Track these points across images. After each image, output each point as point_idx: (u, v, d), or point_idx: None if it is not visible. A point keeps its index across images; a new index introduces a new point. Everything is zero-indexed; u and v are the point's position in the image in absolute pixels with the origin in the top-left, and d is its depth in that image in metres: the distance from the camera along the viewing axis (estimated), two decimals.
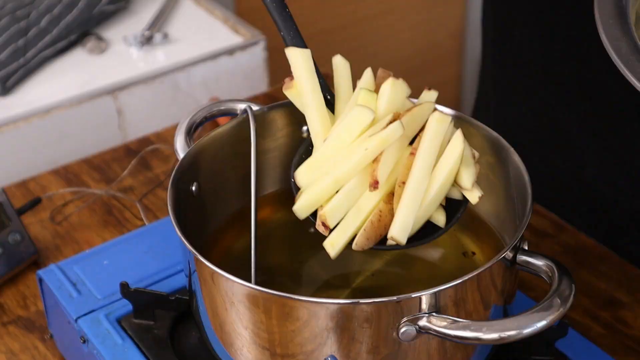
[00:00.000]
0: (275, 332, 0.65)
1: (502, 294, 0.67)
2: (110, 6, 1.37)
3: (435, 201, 0.67)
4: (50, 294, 0.82)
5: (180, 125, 0.78)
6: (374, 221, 0.66)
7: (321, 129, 0.70)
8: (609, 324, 0.84)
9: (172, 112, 1.30)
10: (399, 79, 0.69)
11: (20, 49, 1.27)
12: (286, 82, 0.71)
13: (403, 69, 2.30)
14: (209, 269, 0.65)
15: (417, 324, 0.62)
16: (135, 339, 0.76)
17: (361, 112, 0.66)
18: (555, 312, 0.61)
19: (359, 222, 0.66)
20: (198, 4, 1.45)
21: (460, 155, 0.66)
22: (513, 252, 0.66)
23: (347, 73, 0.72)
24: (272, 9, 0.72)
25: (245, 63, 1.34)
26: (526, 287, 0.84)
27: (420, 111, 0.68)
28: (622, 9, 0.65)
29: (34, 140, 1.21)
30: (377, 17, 2.18)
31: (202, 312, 0.70)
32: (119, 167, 1.09)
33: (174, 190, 0.71)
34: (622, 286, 0.88)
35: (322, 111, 0.70)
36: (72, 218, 1.01)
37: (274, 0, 0.72)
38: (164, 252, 0.84)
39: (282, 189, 0.81)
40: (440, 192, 0.67)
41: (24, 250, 0.93)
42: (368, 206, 0.66)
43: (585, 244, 0.93)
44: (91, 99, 1.24)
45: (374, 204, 0.66)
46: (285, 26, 0.72)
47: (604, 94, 0.94)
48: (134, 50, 1.33)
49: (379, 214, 0.66)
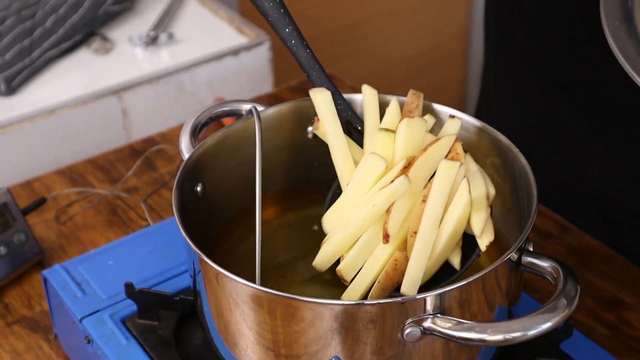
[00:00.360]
0: (280, 332, 0.65)
1: (507, 296, 0.67)
2: (116, 6, 1.37)
3: (446, 249, 0.68)
4: (54, 294, 0.82)
5: (185, 126, 0.78)
6: (389, 271, 0.67)
7: (344, 173, 0.73)
8: (613, 325, 0.84)
9: (176, 112, 1.30)
10: (414, 117, 0.70)
11: (26, 49, 1.27)
12: (315, 122, 0.74)
13: (407, 69, 2.30)
14: (214, 270, 0.65)
15: (421, 325, 0.62)
16: (139, 339, 0.76)
17: (374, 161, 0.68)
18: (561, 313, 0.61)
19: (374, 274, 0.68)
20: (203, 4, 1.45)
21: (466, 204, 0.67)
22: (518, 253, 0.66)
23: (374, 103, 0.75)
24: (295, 50, 0.74)
25: (250, 63, 1.34)
26: (531, 289, 0.84)
27: (437, 149, 0.68)
28: (628, 11, 0.65)
29: (38, 140, 1.21)
30: (381, 18, 2.18)
31: (207, 313, 0.70)
32: (124, 167, 1.09)
33: (179, 191, 0.71)
34: (626, 287, 0.88)
35: (344, 153, 0.73)
36: (76, 218, 1.01)
37: (295, 43, 0.73)
38: (168, 252, 0.84)
39: (286, 188, 0.81)
40: (451, 240, 0.68)
41: (28, 250, 0.93)
42: (383, 257, 0.67)
43: (590, 245, 0.93)
44: (96, 99, 1.24)
45: (388, 255, 0.67)
46: (309, 65, 0.74)
47: (608, 94, 0.93)
48: (139, 51, 1.33)
49: (395, 264, 0.67)
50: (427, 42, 2.30)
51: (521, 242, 0.65)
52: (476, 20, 2.32)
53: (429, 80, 2.36)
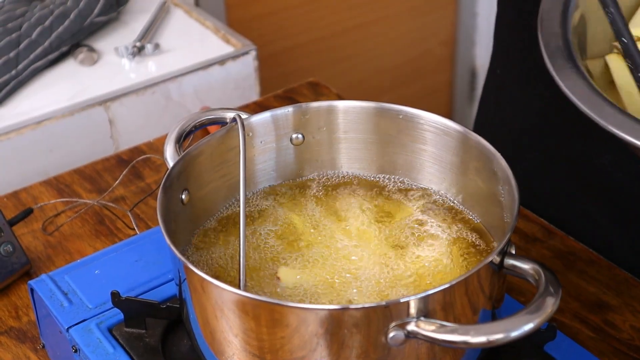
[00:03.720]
0: (265, 339, 0.65)
1: (490, 298, 0.68)
2: (102, 17, 1.37)
3: None
4: (41, 303, 0.82)
5: (170, 134, 0.78)
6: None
7: None
8: (598, 327, 0.85)
9: (163, 122, 1.30)
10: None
11: (12, 61, 1.27)
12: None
13: (395, 76, 2.31)
14: (198, 277, 0.65)
15: (405, 328, 0.63)
16: (126, 347, 0.76)
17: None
18: (543, 314, 0.61)
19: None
20: (189, 14, 1.45)
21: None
22: (500, 256, 0.66)
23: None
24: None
25: (236, 72, 1.35)
26: (516, 292, 0.85)
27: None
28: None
29: (25, 151, 1.21)
30: (369, 25, 2.19)
31: (193, 320, 0.70)
32: (111, 177, 1.09)
33: (164, 199, 0.71)
34: (610, 289, 0.89)
35: None
36: (64, 228, 1.01)
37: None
38: (155, 260, 0.84)
39: (270, 192, 0.82)
40: None
41: (15, 261, 0.93)
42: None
43: (575, 249, 0.94)
44: (83, 109, 1.24)
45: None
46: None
47: None
48: (125, 61, 1.33)
49: None
50: (415, 49, 2.31)
51: (503, 245, 0.66)
52: (463, 27, 2.33)
53: (417, 87, 2.37)
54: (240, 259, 0.69)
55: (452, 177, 0.79)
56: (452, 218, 0.78)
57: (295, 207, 0.80)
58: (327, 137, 0.82)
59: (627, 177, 0.95)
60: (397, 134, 0.80)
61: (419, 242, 0.75)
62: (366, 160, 0.83)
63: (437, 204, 0.79)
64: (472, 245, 0.75)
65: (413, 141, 0.80)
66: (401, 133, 0.80)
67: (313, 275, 0.73)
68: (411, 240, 0.76)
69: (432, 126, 0.78)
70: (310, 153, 0.82)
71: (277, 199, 0.81)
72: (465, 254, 0.74)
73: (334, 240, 0.76)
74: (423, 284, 0.71)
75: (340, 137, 0.82)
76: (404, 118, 0.79)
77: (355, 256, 0.74)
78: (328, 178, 0.83)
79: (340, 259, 0.74)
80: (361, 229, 0.77)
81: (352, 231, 0.77)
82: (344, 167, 0.83)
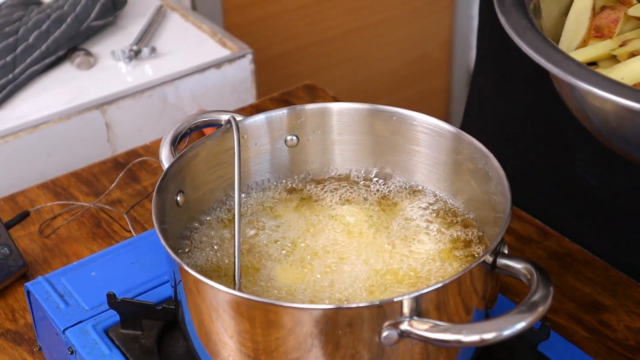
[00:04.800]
0: (260, 340, 0.65)
1: (483, 298, 0.68)
2: (98, 21, 1.38)
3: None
4: (38, 306, 0.82)
5: (165, 137, 0.78)
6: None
7: None
8: (593, 327, 0.85)
9: (160, 125, 1.31)
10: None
11: (9, 65, 1.27)
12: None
13: (393, 79, 2.32)
14: (193, 277, 0.65)
15: (398, 327, 0.63)
16: (122, 349, 0.76)
17: None
18: (535, 313, 0.61)
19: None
20: (185, 18, 1.46)
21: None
22: (493, 256, 0.67)
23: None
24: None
25: (233, 76, 1.35)
26: (511, 292, 0.85)
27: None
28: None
29: (22, 154, 1.21)
30: (366, 29, 2.20)
31: (188, 322, 0.71)
32: (107, 180, 1.09)
33: (159, 201, 0.72)
34: (606, 290, 0.89)
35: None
36: (60, 231, 1.01)
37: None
38: (151, 262, 0.84)
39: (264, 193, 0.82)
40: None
41: (12, 263, 0.93)
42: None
43: (570, 250, 0.94)
44: (80, 113, 1.24)
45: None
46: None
47: None
48: (122, 65, 1.34)
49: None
50: (412, 53, 2.31)
51: (496, 244, 0.66)
52: (459, 30, 2.33)
53: (415, 90, 2.37)
54: (235, 259, 0.70)
55: (446, 177, 0.79)
56: (445, 218, 0.78)
57: (290, 208, 0.80)
58: (322, 139, 0.82)
59: (598, 183, 0.95)
60: (391, 136, 0.81)
61: (413, 241, 0.76)
62: (360, 161, 0.83)
63: (430, 204, 0.80)
64: (465, 245, 0.75)
65: (407, 142, 0.80)
66: (395, 134, 0.80)
67: (308, 276, 0.73)
68: (405, 240, 0.76)
69: (426, 127, 0.79)
70: (304, 155, 0.83)
71: (272, 200, 0.81)
72: (458, 254, 0.75)
73: (328, 240, 0.76)
74: (417, 283, 0.72)
75: (335, 139, 0.82)
76: (398, 119, 0.79)
77: (350, 256, 0.74)
78: (322, 179, 0.83)
79: (335, 259, 0.74)
80: (355, 229, 0.77)
81: (346, 231, 0.77)
82: (338, 169, 0.84)
